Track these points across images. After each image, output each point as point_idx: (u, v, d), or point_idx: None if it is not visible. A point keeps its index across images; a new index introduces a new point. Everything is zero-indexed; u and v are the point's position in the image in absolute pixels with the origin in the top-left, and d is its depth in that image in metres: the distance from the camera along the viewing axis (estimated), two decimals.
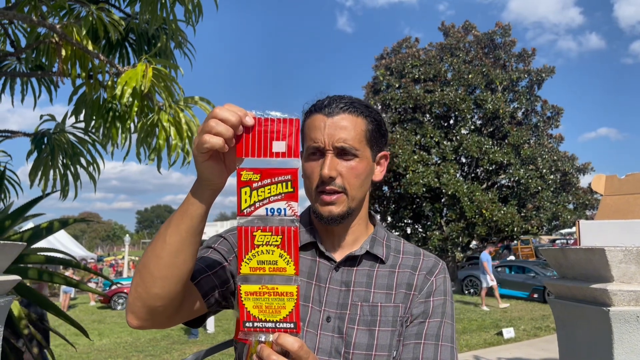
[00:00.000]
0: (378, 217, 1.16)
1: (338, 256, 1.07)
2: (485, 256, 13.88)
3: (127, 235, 33.55)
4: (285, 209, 0.76)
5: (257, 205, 0.76)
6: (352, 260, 1.07)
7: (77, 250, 26.71)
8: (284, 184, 0.76)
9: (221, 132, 0.75)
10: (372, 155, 1.06)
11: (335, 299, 1.04)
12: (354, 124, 1.02)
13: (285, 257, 0.77)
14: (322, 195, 1.01)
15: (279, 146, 0.75)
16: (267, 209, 0.76)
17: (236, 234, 0.97)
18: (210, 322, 11.34)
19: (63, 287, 16.24)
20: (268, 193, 0.76)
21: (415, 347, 1.02)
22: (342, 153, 1.01)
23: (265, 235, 0.77)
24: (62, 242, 23.76)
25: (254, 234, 0.76)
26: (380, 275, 1.07)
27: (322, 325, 1.02)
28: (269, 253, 0.77)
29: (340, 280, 1.05)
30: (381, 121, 1.08)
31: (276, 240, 0.76)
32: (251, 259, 0.77)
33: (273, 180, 0.76)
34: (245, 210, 0.76)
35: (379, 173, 1.10)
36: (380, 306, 1.03)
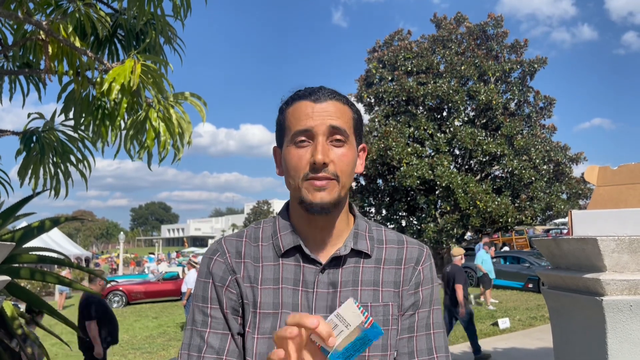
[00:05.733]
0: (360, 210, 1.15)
1: (323, 257, 1.05)
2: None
3: (122, 232, 33.56)
4: None
5: None
6: (337, 260, 1.05)
7: (71, 248, 26.64)
8: None
9: None
10: (357, 145, 1.06)
11: (324, 302, 1.03)
12: (343, 111, 1.02)
13: None
14: (312, 180, 0.97)
15: None
16: None
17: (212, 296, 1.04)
18: None
19: (58, 286, 16.17)
20: None
21: (409, 340, 1.05)
22: (334, 135, 0.99)
23: None
24: (56, 240, 23.68)
25: None
26: (365, 272, 1.06)
27: None
28: None
29: (327, 282, 1.04)
30: (360, 114, 1.09)
31: None
32: None
33: None
34: None
35: (360, 165, 1.09)
36: (370, 306, 1.03)
